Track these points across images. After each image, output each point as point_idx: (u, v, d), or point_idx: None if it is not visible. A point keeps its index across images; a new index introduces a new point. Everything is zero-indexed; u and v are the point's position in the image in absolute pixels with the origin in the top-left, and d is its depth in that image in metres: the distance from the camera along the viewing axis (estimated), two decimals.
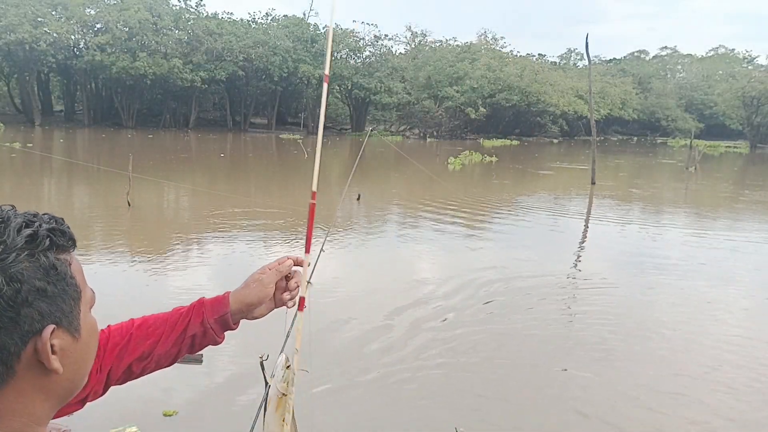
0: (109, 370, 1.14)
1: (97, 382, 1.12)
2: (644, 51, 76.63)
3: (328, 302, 6.45)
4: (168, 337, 1.20)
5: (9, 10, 35.98)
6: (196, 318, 1.22)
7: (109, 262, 7.80)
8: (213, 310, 1.23)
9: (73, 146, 28.52)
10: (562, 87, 52.13)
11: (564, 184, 21.11)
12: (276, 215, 11.77)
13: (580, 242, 11.12)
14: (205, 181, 16.81)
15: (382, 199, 14.74)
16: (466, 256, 9.22)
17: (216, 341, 1.24)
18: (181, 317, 1.22)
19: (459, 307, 6.54)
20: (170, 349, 1.20)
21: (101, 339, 1.14)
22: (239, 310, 1.25)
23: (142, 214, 11.45)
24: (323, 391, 4.45)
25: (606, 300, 7.06)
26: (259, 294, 1.26)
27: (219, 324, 1.23)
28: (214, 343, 1.25)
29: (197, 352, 1.26)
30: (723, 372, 5.13)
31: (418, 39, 57.99)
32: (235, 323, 1.26)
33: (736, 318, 6.67)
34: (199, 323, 1.21)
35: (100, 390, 1.15)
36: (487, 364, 5.14)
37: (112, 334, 1.17)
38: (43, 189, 15.15)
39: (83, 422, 3.86)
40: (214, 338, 1.23)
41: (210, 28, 41.66)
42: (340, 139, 43.40)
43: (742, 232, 12.24)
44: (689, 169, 26.68)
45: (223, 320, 1.23)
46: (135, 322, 1.20)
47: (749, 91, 53.35)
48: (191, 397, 4.27)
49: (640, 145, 53.72)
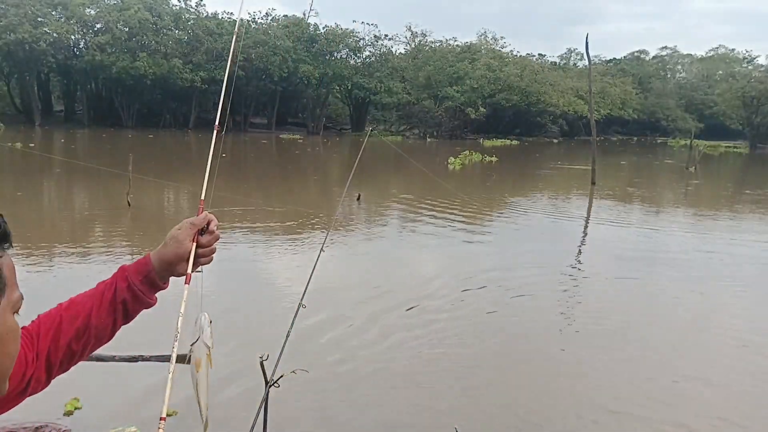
0: (47, 355, 1.13)
1: (36, 368, 1.11)
2: (644, 51, 76.68)
3: (328, 303, 6.46)
4: (99, 309, 1.19)
5: (9, 10, 36.00)
6: (121, 283, 1.22)
7: (110, 262, 7.80)
8: (137, 272, 1.23)
9: (73, 146, 28.53)
10: (562, 87, 52.18)
11: (564, 184, 21.11)
12: (277, 215, 11.77)
13: (580, 242, 11.12)
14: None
15: (382, 199, 14.74)
16: (466, 255, 9.22)
17: (148, 303, 1.24)
18: (107, 287, 1.22)
19: (459, 306, 6.54)
20: (105, 319, 1.20)
21: (32, 326, 1.14)
22: (162, 268, 1.24)
23: (142, 214, 11.45)
24: (320, 388, 4.45)
25: (605, 299, 7.06)
26: (176, 250, 1.24)
27: (146, 285, 1.23)
28: (147, 306, 1.25)
29: (131, 318, 1.25)
30: (722, 372, 5.13)
31: (418, 39, 58.00)
32: (163, 282, 1.26)
33: (736, 318, 6.67)
34: (125, 287, 1.21)
35: (42, 376, 1.13)
36: (486, 363, 5.14)
37: (42, 321, 1.17)
38: (44, 189, 15.15)
39: (83, 422, 3.87)
40: (145, 300, 1.23)
41: (210, 28, 41.67)
42: (340, 139, 43.42)
43: (742, 232, 12.24)
44: (689, 169, 26.69)
45: (149, 279, 1.23)
46: (62, 305, 1.20)
47: (749, 91, 53.37)
48: (191, 397, 4.26)
49: (640, 145, 53.75)
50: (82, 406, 4.01)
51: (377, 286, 7.24)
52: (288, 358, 3.05)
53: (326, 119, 50.19)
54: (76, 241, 8.93)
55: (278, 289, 6.96)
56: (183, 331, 1.28)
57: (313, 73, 42.79)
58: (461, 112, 46.47)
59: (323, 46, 44.42)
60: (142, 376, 4.39)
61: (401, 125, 51.03)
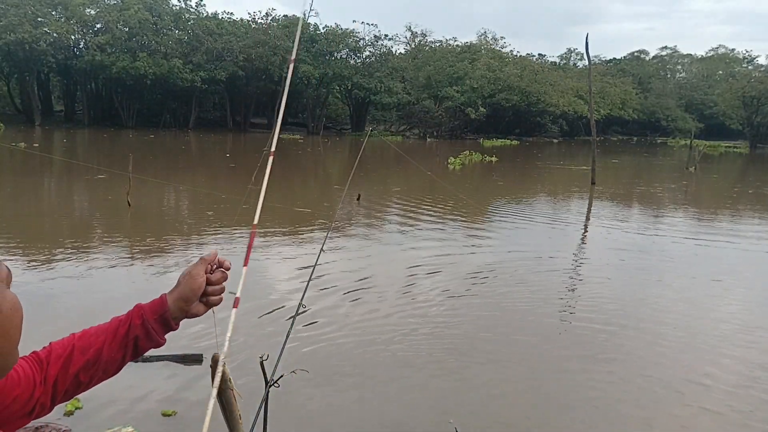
0: (54, 381, 1.16)
1: (42, 393, 1.14)
2: (644, 51, 76.84)
3: (327, 302, 6.46)
4: (111, 343, 1.22)
5: (9, 10, 36.01)
6: (136, 320, 1.25)
7: (109, 261, 7.80)
8: (152, 311, 1.26)
9: (74, 146, 28.54)
10: (562, 87, 52.18)
11: (564, 184, 21.11)
12: (277, 215, 11.77)
13: (580, 242, 11.12)
14: (208, 181, 16.81)
15: (382, 199, 14.74)
16: (466, 255, 9.22)
17: (158, 342, 1.27)
18: (122, 323, 1.25)
19: (459, 306, 6.54)
20: (115, 354, 1.23)
21: (43, 352, 1.18)
22: (178, 308, 1.27)
23: (142, 214, 11.45)
24: (320, 388, 4.45)
25: (604, 297, 7.06)
26: (192, 285, 1.27)
27: (159, 323, 1.26)
28: (157, 345, 1.28)
29: (139, 356, 1.28)
30: (721, 371, 5.13)
31: (418, 39, 58.10)
32: (176, 323, 1.29)
33: (736, 317, 6.67)
34: (139, 324, 1.24)
35: (47, 403, 1.16)
36: (486, 363, 5.14)
37: (54, 348, 1.20)
38: (44, 189, 15.15)
39: (83, 422, 3.87)
40: (156, 339, 1.26)
41: (210, 28, 41.69)
42: (340, 139, 43.41)
43: (742, 232, 12.24)
44: (689, 168, 26.70)
45: (164, 319, 1.26)
46: (76, 335, 1.24)
47: (749, 91, 53.40)
48: (190, 397, 4.27)
49: (640, 145, 53.74)
50: (83, 406, 4.01)
51: (377, 285, 7.24)
52: (288, 357, 3.05)
53: (326, 119, 50.20)
54: (75, 240, 8.93)
55: (278, 289, 6.95)
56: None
57: (313, 73, 42.78)
58: (461, 112, 46.47)
59: (323, 46, 44.41)
60: (142, 376, 4.39)
61: (401, 125, 51.02)
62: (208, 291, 1.30)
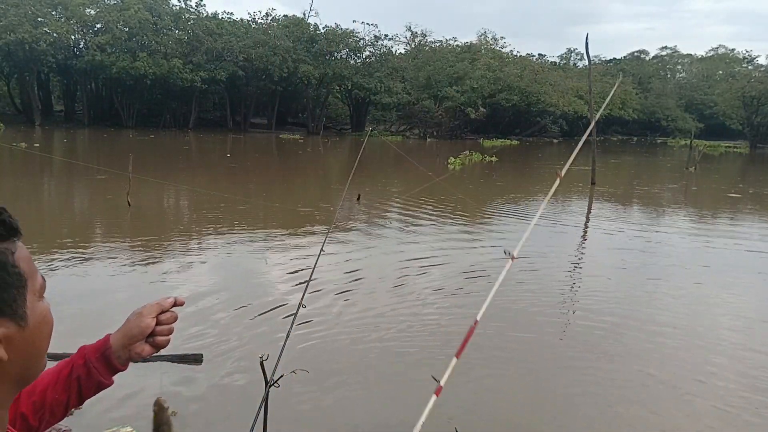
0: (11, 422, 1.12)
1: None
2: (644, 51, 76.79)
3: (328, 302, 6.46)
4: (56, 384, 1.19)
5: (9, 10, 36.00)
6: (79, 360, 1.21)
7: (109, 261, 7.79)
8: (95, 349, 1.22)
9: (74, 147, 28.54)
10: (562, 87, 52.15)
11: (564, 184, 21.03)
12: (277, 215, 11.77)
13: (580, 242, 11.12)
14: (208, 181, 16.80)
15: (382, 199, 14.73)
16: (466, 255, 9.21)
17: (102, 382, 1.22)
18: (65, 364, 1.22)
19: (459, 306, 6.54)
20: (59, 395, 1.19)
21: None
22: (121, 345, 1.22)
23: (142, 214, 11.45)
24: (320, 388, 4.45)
25: (604, 297, 7.06)
26: (139, 324, 1.22)
27: (101, 362, 1.21)
28: (101, 386, 1.23)
29: (85, 399, 1.24)
30: (720, 372, 5.13)
31: (418, 39, 58.06)
32: (121, 363, 1.23)
33: (737, 316, 6.67)
34: (81, 364, 1.21)
35: None
36: (487, 363, 5.13)
37: None
38: (44, 188, 15.15)
39: (83, 422, 3.87)
40: (98, 378, 1.21)
41: (210, 28, 41.67)
42: (340, 139, 43.40)
43: (742, 231, 12.23)
44: (689, 168, 26.69)
45: (105, 357, 1.21)
46: None
47: (749, 91, 53.39)
48: (191, 397, 4.27)
49: (640, 145, 53.74)
50: (83, 406, 4.01)
51: (377, 285, 7.24)
52: (288, 357, 3.05)
53: (326, 119, 50.20)
54: (75, 240, 8.93)
55: (278, 289, 6.95)
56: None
57: (313, 73, 42.77)
58: (461, 112, 46.44)
59: (323, 46, 44.39)
60: (142, 376, 4.39)
61: (401, 125, 51.01)
62: (156, 331, 1.24)
